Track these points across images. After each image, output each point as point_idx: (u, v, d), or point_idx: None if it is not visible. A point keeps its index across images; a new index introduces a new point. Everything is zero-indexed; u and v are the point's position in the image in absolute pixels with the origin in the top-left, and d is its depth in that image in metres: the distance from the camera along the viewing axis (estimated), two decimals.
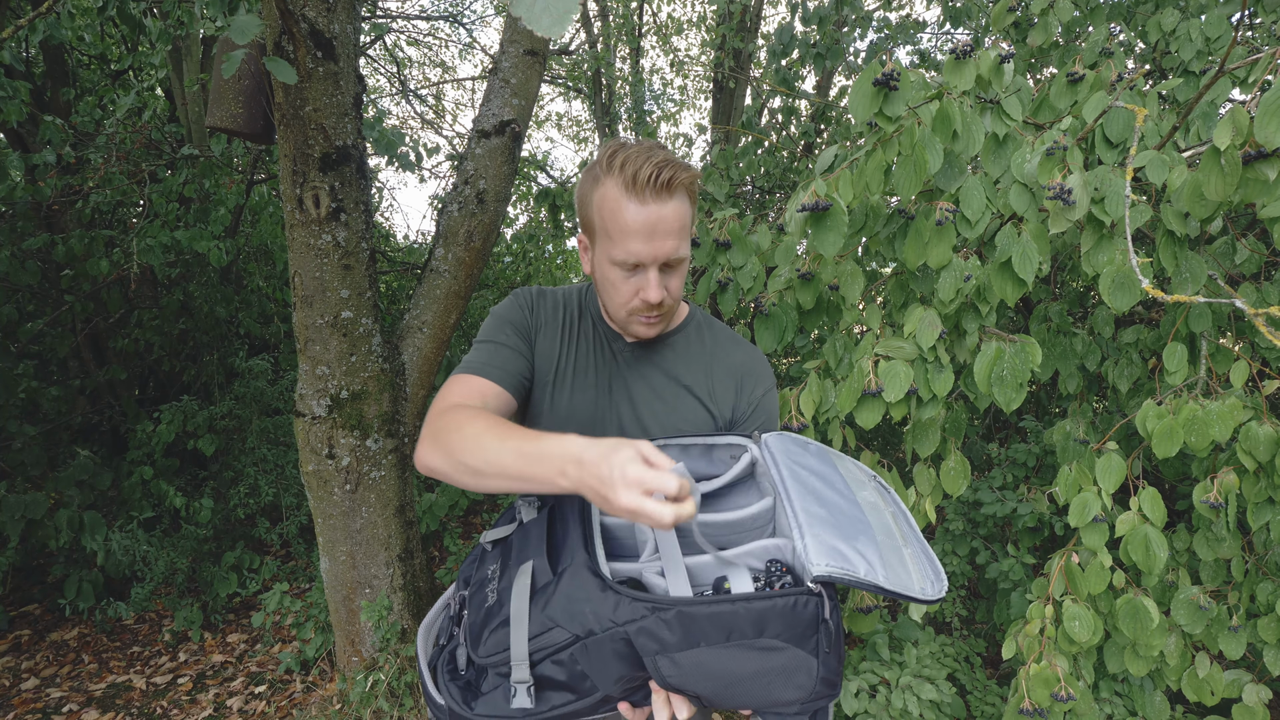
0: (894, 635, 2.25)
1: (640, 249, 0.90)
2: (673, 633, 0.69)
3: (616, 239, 0.91)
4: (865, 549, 0.74)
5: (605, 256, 0.95)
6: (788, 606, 0.69)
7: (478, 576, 0.86)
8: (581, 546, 0.77)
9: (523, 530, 0.86)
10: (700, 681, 0.71)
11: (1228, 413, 1.35)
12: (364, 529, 2.30)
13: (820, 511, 0.78)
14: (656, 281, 0.93)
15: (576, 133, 8.64)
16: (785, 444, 0.93)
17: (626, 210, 0.89)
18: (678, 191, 0.91)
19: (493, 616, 0.77)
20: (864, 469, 1.00)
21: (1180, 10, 2.13)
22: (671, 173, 0.89)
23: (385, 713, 2.24)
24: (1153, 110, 1.43)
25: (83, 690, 2.73)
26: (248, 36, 1.45)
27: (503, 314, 1.06)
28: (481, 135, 2.51)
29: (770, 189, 3.66)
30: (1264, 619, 1.58)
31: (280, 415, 3.87)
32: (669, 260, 0.93)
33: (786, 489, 0.82)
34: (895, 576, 0.72)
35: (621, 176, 0.89)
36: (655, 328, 1.01)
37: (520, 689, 0.73)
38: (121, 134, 3.49)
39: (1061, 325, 2.00)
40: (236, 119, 1.98)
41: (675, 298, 0.98)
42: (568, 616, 0.72)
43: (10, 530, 2.80)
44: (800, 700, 0.72)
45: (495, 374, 0.98)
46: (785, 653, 0.70)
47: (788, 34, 3.17)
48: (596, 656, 0.72)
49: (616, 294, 0.97)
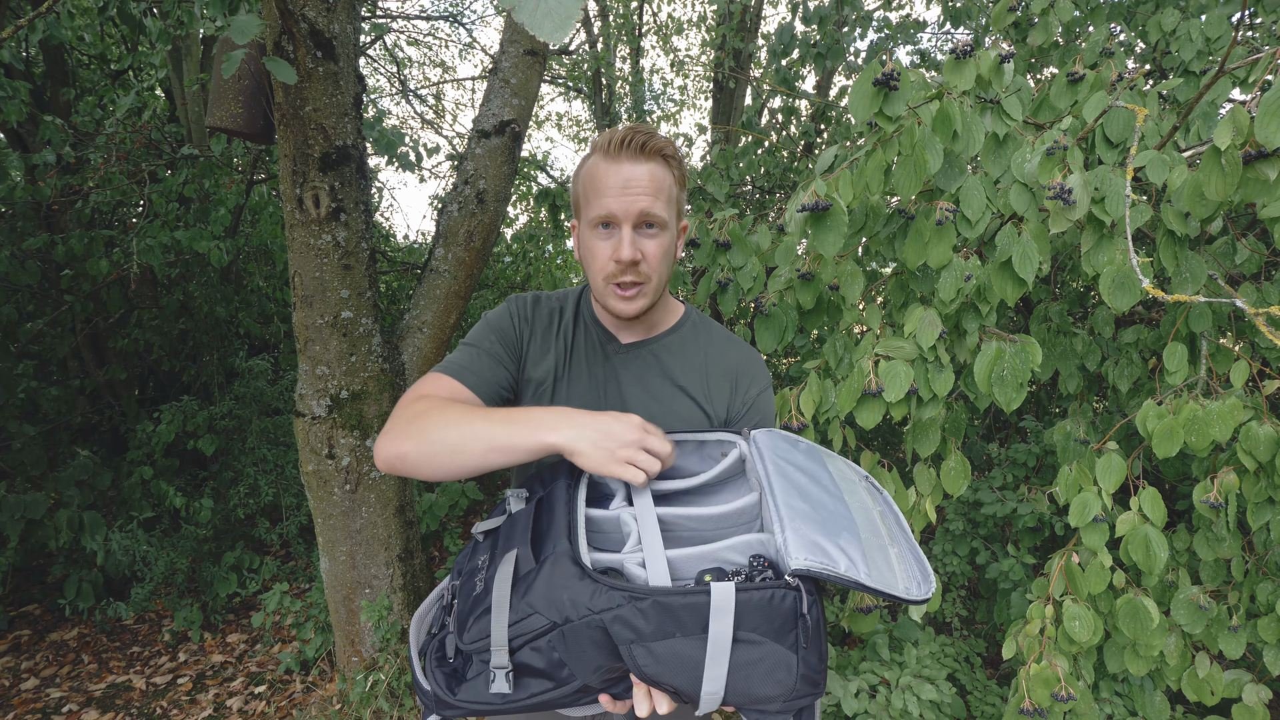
0: (894, 635, 2.25)
1: (612, 203, 0.92)
2: (648, 622, 0.70)
3: (593, 200, 0.94)
4: (848, 545, 0.74)
5: (585, 224, 0.98)
6: (764, 600, 0.69)
7: (469, 566, 0.87)
8: (564, 535, 0.77)
9: (510, 520, 0.87)
10: (676, 673, 0.70)
11: (1228, 413, 1.35)
12: (364, 529, 2.30)
13: (803, 507, 0.79)
14: (630, 239, 0.93)
15: (576, 133, 8.65)
16: (774, 441, 0.93)
17: (600, 169, 0.94)
18: (653, 157, 0.94)
19: (478, 604, 0.78)
20: (856, 469, 1.00)
21: (1180, 10, 2.13)
22: (646, 138, 0.93)
23: (385, 713, 2.24)
24: (1153, 110, 1.42)
25: (82, 690, 2.73)
26: (248, 36, 1.45)
27: (493, 321, 1.06)
28: (481, 135, 2.51)
29: (770, 189, 3.66)
30: (1264, 619, 1.58)
31: (280, 415, 3.88)
32: (643, 218, 0.94)
33: (770, 484, 0.82)
34: (879, 574, 0.72)
35: (600, 144, 0.95)
36: (634, 302, 0.98)
37: (499, 674, 0.74)
38: (121, 134, 3.49)
39: (1062, 325, 2.00)
40: (236, 119, 1.98)
41: (653, 266, 0.96)
42: (547, 603, 0.73)
43: (10, 530, 2.80)
44: (782, 698, 0.72)
45: (470, 379, 0.98)
46: (763, 647, 0.70)
47: (788, 34, 3.17)
48: (574, 644, 0.72)
49: (594, 260, 0.97)
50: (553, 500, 0.85)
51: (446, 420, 0.85)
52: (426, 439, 0.84)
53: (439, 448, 0.83)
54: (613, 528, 0.85)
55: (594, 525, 0.85)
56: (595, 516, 0.84)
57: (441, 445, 0.83)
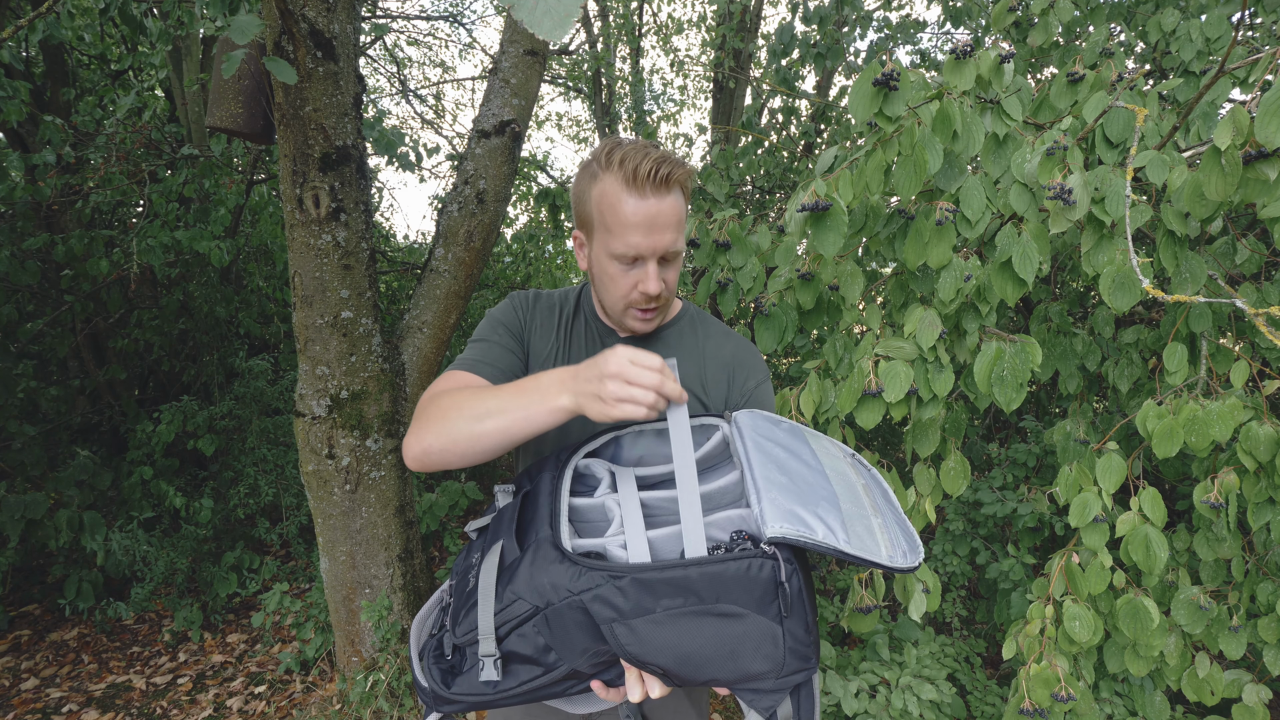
0: (894, 635, 2.25)
1: (640, 242, 0.93)
2: (628, 599, 0.70)
3: (616, 232, 0.93)
4: (826, 514, 0.73)
5: (604, 250, 0.97)
6: (741, 569, 0.69)
7: (463, 566, 0.88)
8: (547, 523, 0.78)
9: (498, 515, 0.89)
10: (661, 651, 0.70)
11: (1228, 413, 1.35)
12: (364, 529, 2.30)
13: (781, 479, 0.78)
14: (655, 274, 0.95)
15: (576, 133, 8.64)
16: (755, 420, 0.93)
17: (626, 204, 0.92)
18: (674, 187, 0.93)
19: (469, 599, 0.79)
20: (842, 447, 0.99)
21: (1180, 10, 2.13)
22: (670, 169, 0.92)
23: (385, 713, 2.24)
24: (1153, 110, 1.43)
25: (82, 690, 2.73)
26: (248, 36, 1.45)
27: (497, 315, 1.09)
28: (481, 135, 2.51)
29: (770, 189, 3.66)
30: (1264, 619, 1.58)
31: (280, 415, 3.87)
32: (667, 253, 0.96)
33: (749, 458, 0.82)
34: (859, 542, 0.71)
35: (621, 172, 0.92)
36: (652, 322, 1.03)
37: (487, 662, 0.75)
38: (121, 134, 3.49)
39: (1061, 325, 2.00)
40: (236, 119, 1.98)
41: (671, 291, 1.01)
42: (529, 589, 0.73)
43: (10, 530, 2.80)
44: (772, 673, 0.72)
45: (486, 370, 1.00)
46: (746, 619, 0.70)
47: (788, 34, 3.17)
48: (558, 627, 0.73)
49: (615, 287, 0.99)
50: (537, 492, 0.87)
51: (461, 406, 0.87)
52: (446, 428, 0.86)
53: (459, 433, 0.85)
54: (598, 515, 0.86)
55: (579, 514, 0.86)
56: (580, 505, 0.85)
57: (461, 430, 0.85)
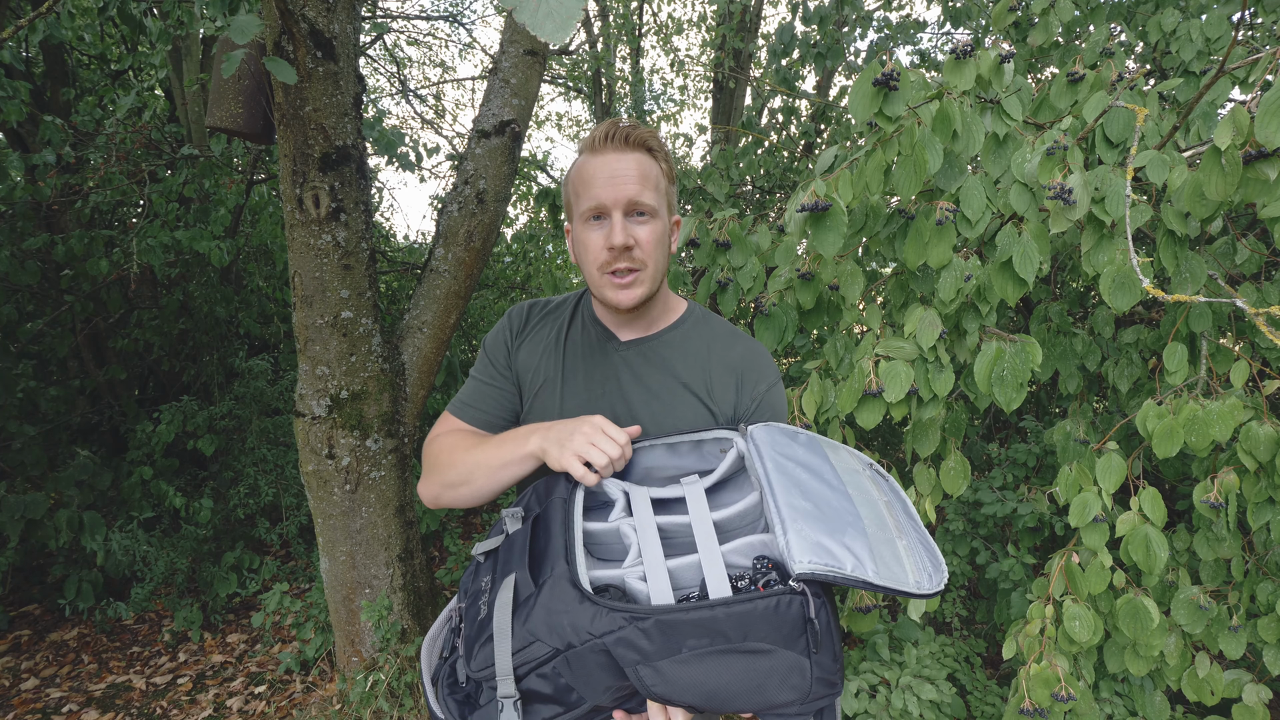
0: (894, 635, 2.25)
1: (600, 192, 0.93)
2: (652, 642, 0.68)
3: (582, 194, 0.96)
4: (853, 543, 0.72)
5: (578, 220, 0.98)
6: (770, 608, 0.68)
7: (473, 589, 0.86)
8: (562, 557, 0.76)
9: (508, 542, 0.86)
10: (686, 690, 0.69)
11: (1228, 413, 1.35)
12: (364, 529, 2.30)
13: (805, 505, 0.77)
14: (621, 224, 0.94)
15: (576, 133, 8.65)
16: (772, 435, 0.91)
17: (588, 165, 0.95)
18: (638, 148, 0.95)
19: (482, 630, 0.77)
20: (860, 457, 0.97)
21: (1180, 10, 2.13)
22: (629, 129, 0.95)
23: (385, 713, 2.24)
24: (1153, 110, 1.43)
25: (82, 690, 2.73)
26: (248, 36, 1.45)
27: (486, 346, 1.12)
28: (481, 135, 2.51)
29: (770, 189, 3.66)
30: (1264, 619, 1.58)
31: (280, 415, 3.87)
32: (633, 206, 0.94)
33: (770, 483, 0.80)
34: (887, 571, 0.70)
35: (585, 143, 0.97)
36: (631, 290, 0.97)
37: (507, 704, 0.72)
38: (121, 134, 3.49)
39: (1062, 325, 2.00)
40: (236, 119, 1.98)
41: (646, 252, 0.96)
42: (547, 630, 0.71)
43: (10, 530, 2.80)
44: (799, 701, 0.71)
45: (469, 414, 1.09)
46: (774, 655, 0.69)
47: (788, 34, 3.17)
48: (579, 669, 0.71)
49: (588, 253, 0.97)
50: (549, 518, 0.84)
51: (454, 460, 1.00)
52: (445, 479, 1.01)
53: (457, 484, 0.99)
54: (613, 539, 0.83)
55: (593, 538, 0.84)
56: (594, 529, 0.83)
57: (458, 481, 0.99)
